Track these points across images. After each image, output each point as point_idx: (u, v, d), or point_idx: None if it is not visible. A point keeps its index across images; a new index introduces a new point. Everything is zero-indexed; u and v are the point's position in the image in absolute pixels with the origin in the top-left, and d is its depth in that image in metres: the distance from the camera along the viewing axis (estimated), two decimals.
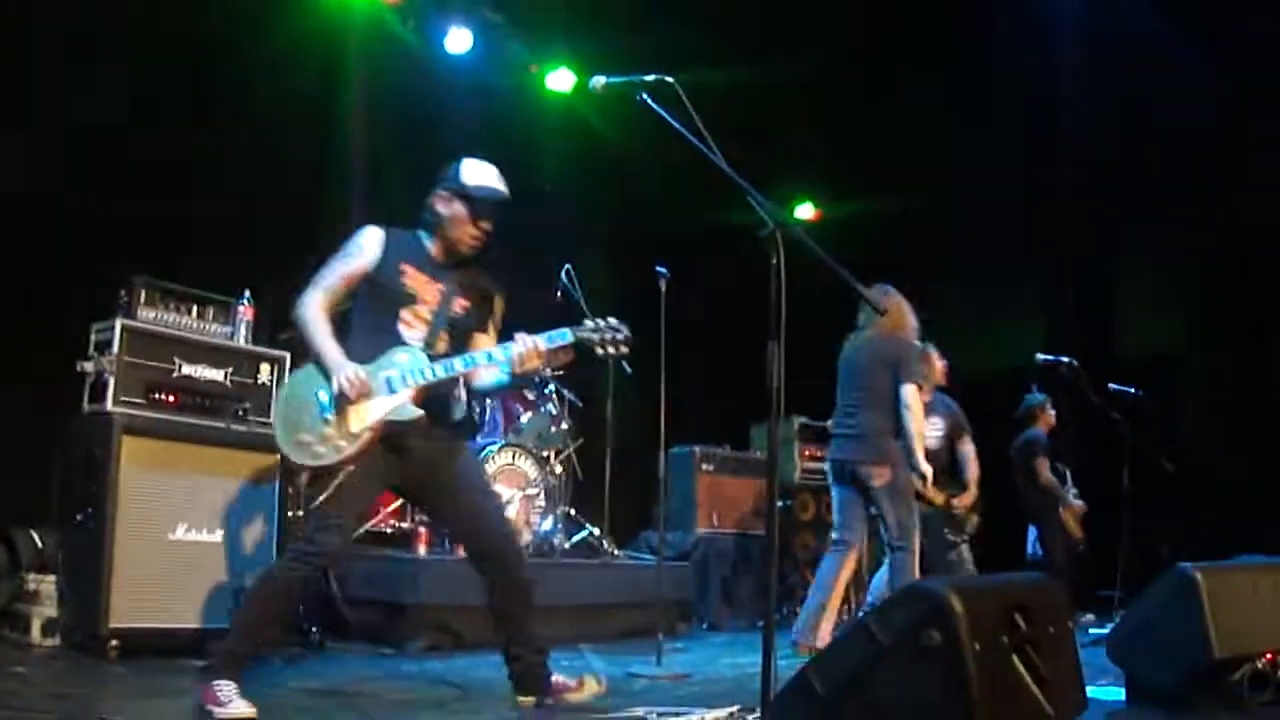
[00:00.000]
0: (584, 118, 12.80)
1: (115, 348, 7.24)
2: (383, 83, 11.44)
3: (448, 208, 6.18)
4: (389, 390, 5.89)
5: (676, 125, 4.95)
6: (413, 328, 6.06)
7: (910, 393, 8.89)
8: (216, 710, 5.42)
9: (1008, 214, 15.74)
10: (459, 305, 6.21)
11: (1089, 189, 15.56)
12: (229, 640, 5.81)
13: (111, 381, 7.20)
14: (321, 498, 6.04)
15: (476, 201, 6.18)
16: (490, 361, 6.08)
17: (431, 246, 6.23)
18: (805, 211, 16.53)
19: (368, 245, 6.09)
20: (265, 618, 5.91)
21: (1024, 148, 15.52)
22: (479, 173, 6.24)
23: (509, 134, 12.45)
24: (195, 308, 7.79)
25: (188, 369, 7.55)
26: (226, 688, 5.54)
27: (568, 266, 10.27)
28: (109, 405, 7.16)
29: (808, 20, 13.95)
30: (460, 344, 6.20)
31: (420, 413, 5.95)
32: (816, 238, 4.88)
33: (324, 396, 5.81)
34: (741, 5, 13.30)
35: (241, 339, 7.97)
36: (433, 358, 5.99)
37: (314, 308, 5.98)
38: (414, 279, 6.10)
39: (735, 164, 4.99)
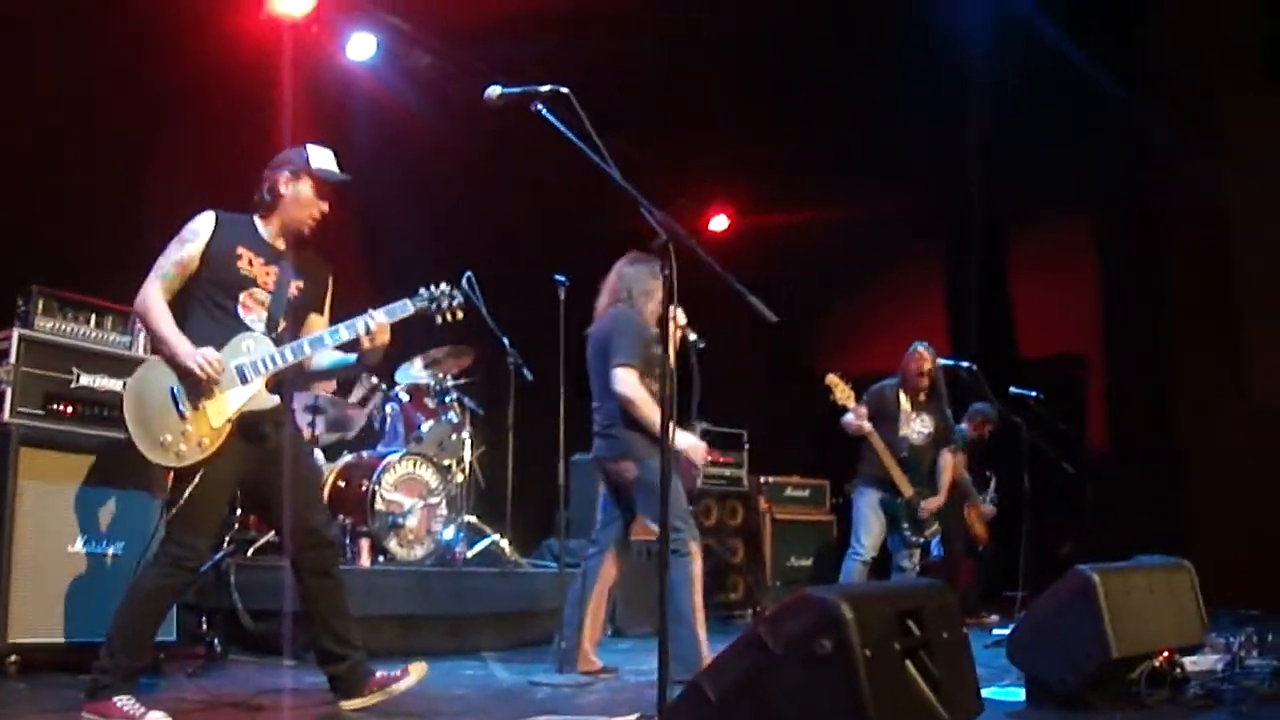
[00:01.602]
0: (489, 125, 12.83)
1: (13, 358, 7.15)
2: (291, 88, 11.40)
3: (290, 187, 6.25)
4: (242, 379, 5.92)
5: (570, 136, 4.98)
6: (252, 311, 6.09)
7: (619, 377, 7.82)
8: None
9: (910, 216, 15.89)
10: (294, 287, 6.26)
11: (994, 191, 15.70)
12: (115, 656, 5.75)
13: (9, 392, 7.11)
14: (183, 500, 5.88)
15: (322, 182, 6.28)
16: (336, 340, 6.16)
17: (266, 230, 6.27)
18: (720, 222, 16.65)
19: (201, 229, 6.10)
20: (143, 628, 5.87)
21: (929, 146, 15.64)
22: (323, 156, 6.34)
23: (411, 140, 12.48)
24: (94, 317, 7.70)
25: (86, 379, 7.46)
26: (128, 702, 5.54)
27: (469, 275, 10.28)
28: (6, 416, 7.07)
29: (722, 30, 14.01)
30: (296, 326, 6.29)
31: (278, 400, 6.00)
32: (722, 245, 4.95)
33: (179, 392, 5.80)
34: (656, 10, 13.33)
35: (141, 348, 7.83)
36: (276, 341, 6.05)
37: (153, 297, 5.94)
38: (250, 263, 6.13)
39: (649, 173, 5.06)
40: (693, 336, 7.96)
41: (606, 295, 8.23)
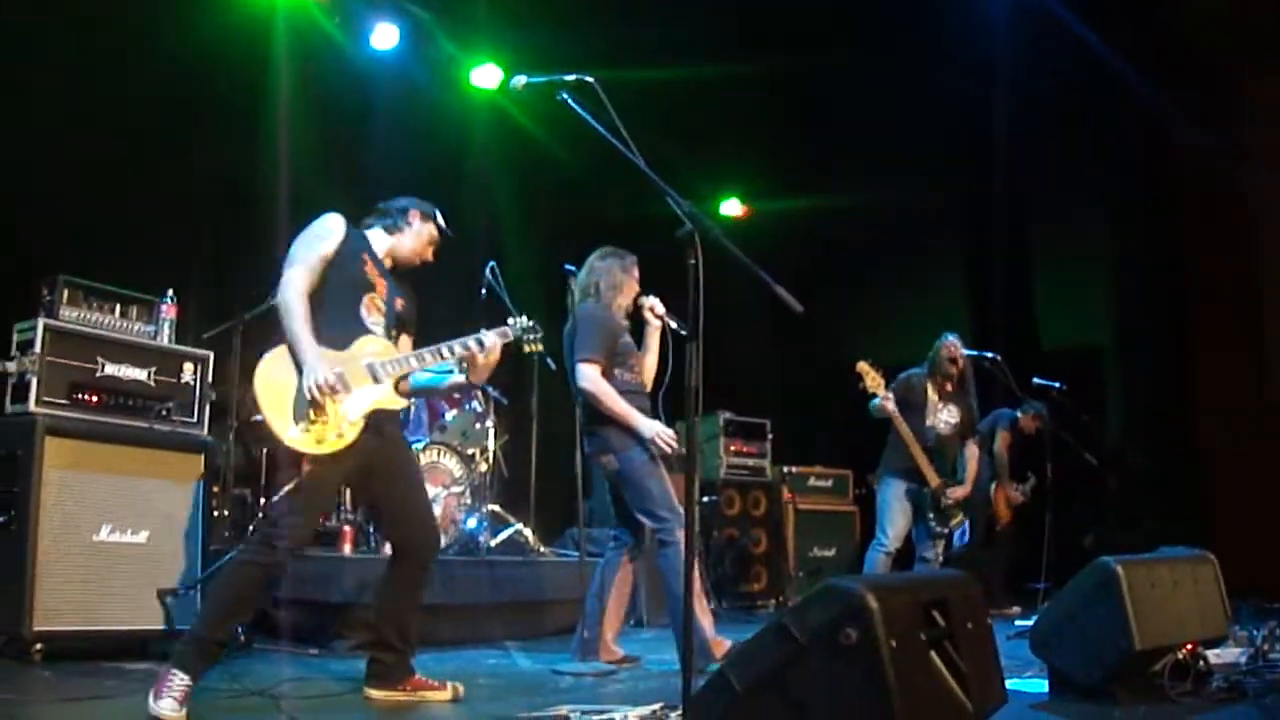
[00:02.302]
0: (510, 115, 12.85)
1: (38, 347, 7.16)
2: (309, 79, 11.40)
3: (422, 224, 6.55)
4: (374, 378, 6.01)
5: (595, 125, 5.00)
6: (372, 315, 6.19)
7: (581, 372, 7.80)
8: (151, 704, 5.42)
9: (932, 207, 15.84)
10: (398, 302, 6.40)
11: (1015, 180, 15.62)
12: (194, 629, 5.79)
13: (34, 382, 7.13)
14: (287, 488, 5.99)
15: (444, 236, 6.66)
16: (453, 354, 6.32)
17: (379, 245, 6.45)
18: (732, 207, 16.60)
19: (335, 228, 6.17)
20: (230, 609, 5.83)
21: (951, 138, 15.60)
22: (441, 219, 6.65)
23: (434, 131, 12.49)
24: (118, 307, 7.72)
25: (111, 369, 7.49)
26: (176, 680, 5.50)
27: (492, 264, 10.28)
28: (31, 406, 7.09)
29: (740, 15, 13.97)
30: (396, 340, 6.40)
31: (406, 402, 6.10)
32: (744, 234, 4.94)
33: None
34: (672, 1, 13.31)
35: (165, 338, 7.91)
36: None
37: (297, 287, 5.92)
38: (370, 269, 6.26)
39: (663, 160, 5.05)
40: (674, 324, 7.97)
41: (579, 292, 8.22)
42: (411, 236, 6.53)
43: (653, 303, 8.06)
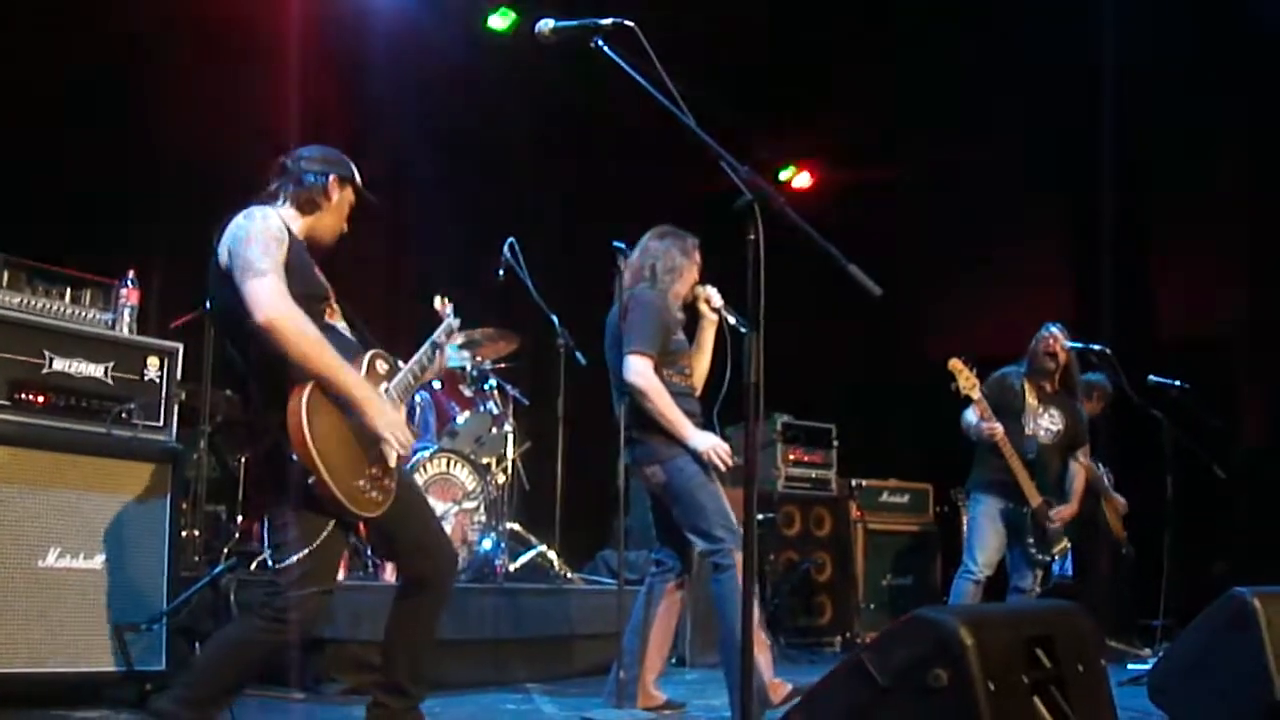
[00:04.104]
0: (534, 71, 12.83)
1: None
2: (310, 28, 11.39)
3: (341, 191, 6.19)
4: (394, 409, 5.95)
5: (637, 78, 4.96)
6: (341, 324, 6.11)
7: (631, 365, 7.68)
8: None
9: (1029, 177, 15.78)
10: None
11: (1128, 147, 15.53)
12: (170, 710, 5.54)
13: None
14: (303, 552, 5.64)
15: (362, 202, 6.29)
16: (430, 362, 6.32)
17: (298, 230, 6.06)
18: (801, 180, 16.60)
19: (279, 224, 5.84)
20: (221, 692, 5.73)
21: (1052, 93, 15.52)
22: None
23: (451, 89, 12.49)
24: (69, 291, 7.65)
25: (60, 364, 7.39)
26: None
27: (511, 241, 10.25)
28: None
29: None
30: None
31: (415, 435, 6.02)
32: (811, 208, 4.92)
33: (362, 430, 5.71)
34: None
35: (125, 328, 7.82)
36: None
37: (303, 316, 5.63)
38: (316, 269, 6.06)
39: (715, 124, 5.02)
40: (732, 320, 7.91)
41: (629, 275, 8.12)
42: (333, 213, 6.18)
43: (710, 293, 8.02)
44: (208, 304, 6.00)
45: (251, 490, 9.70)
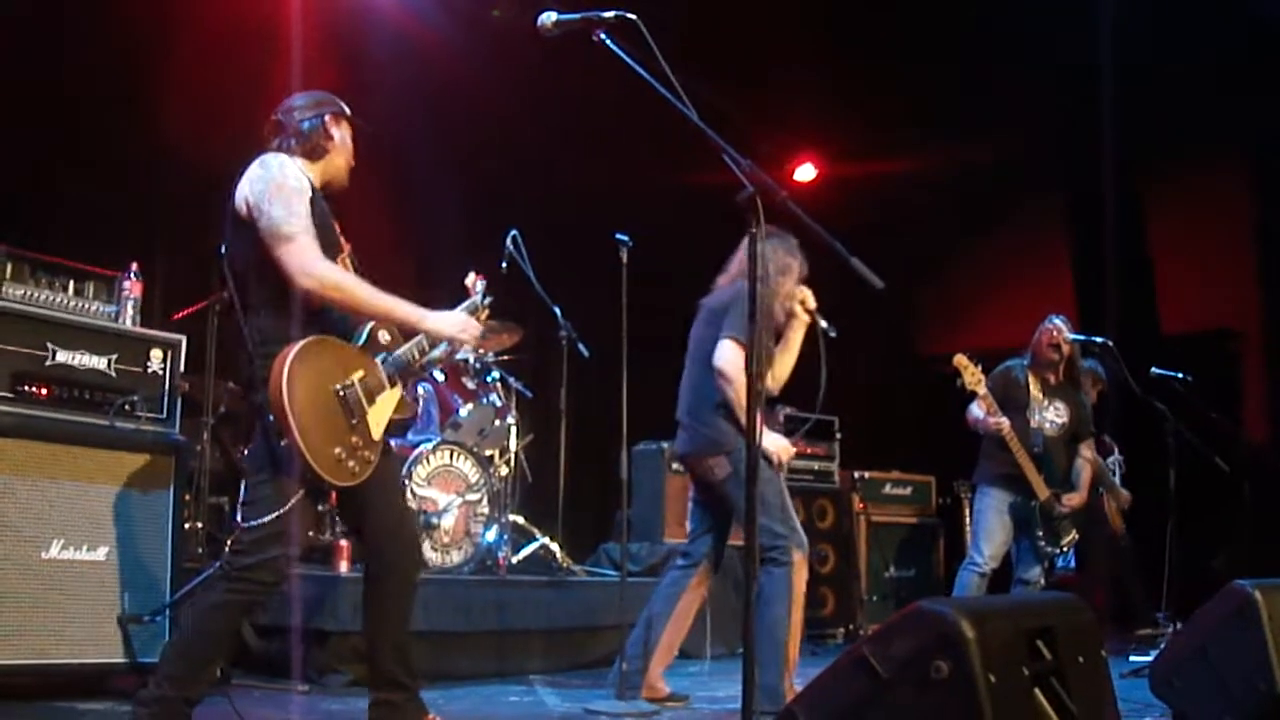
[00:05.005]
0: (532, 61, 12.83)
1: None
2: (312, 20, 11.39)
3: (340, 130, 6.17)
4: (390, 381, 5.92)
5: (640, 71, 4.97)
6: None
7: (724, 350, 7.69)
8: None
9: (1033, 168, 15.77)
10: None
11: (1130, 133, 15.50)
12: (158, 688, 5.57)
13: None
14: (273, 514, 5.62)
15: (358, 133, 6.27)
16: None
17: (316, 180, 6.03)
18: (806, 172, 16.60)
19: (299, 172, 5.88)
20: (202, 661, 5.69)
21: (1055, 83, 15.52)
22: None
23: (453, 82, 12.49)
24: (72, 283, 7.62)
25: (63, 356, 7.39)
26: None
27: (514, 233, 10.24)
28: None
29: None
30: None
31: (414, 410, 5.98)
32: (813, 201, 4.93)
33: (352, 393, 5.68)
34: None
35: (128, 320, 7.82)
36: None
37: (331, 266, 5.72)
38: (334, 221, 6.01)
39: (722, 118, 5.04)
40: (823, 324, 7.96)
41: (735, 267, 8.10)
42: (339, 153, 6.16)
43: (806, 294, 8.01)
44: (222, 248, 5.92)
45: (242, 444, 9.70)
